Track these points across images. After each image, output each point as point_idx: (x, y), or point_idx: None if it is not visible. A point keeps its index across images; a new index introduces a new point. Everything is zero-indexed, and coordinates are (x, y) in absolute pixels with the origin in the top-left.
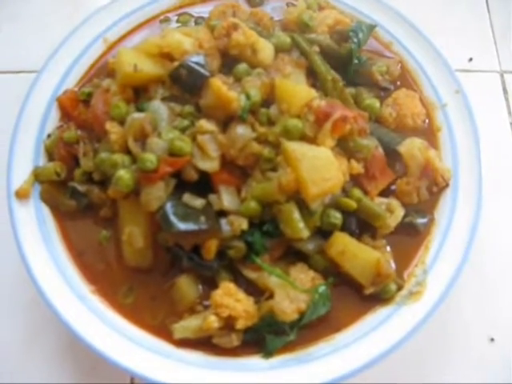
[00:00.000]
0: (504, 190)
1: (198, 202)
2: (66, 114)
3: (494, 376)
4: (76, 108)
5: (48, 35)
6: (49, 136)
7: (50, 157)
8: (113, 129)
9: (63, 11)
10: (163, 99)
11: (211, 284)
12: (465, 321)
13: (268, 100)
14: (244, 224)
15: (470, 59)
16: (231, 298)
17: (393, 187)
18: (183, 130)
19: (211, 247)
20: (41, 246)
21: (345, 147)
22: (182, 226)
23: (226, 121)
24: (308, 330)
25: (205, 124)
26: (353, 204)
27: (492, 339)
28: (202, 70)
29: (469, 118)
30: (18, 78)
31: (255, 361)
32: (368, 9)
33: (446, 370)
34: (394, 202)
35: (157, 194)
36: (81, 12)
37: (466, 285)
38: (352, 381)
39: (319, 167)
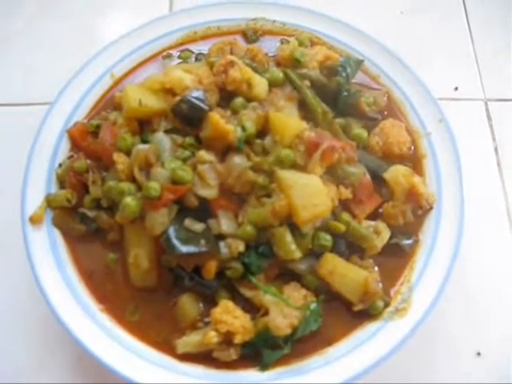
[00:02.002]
0: (486, 213)
1: (199, 227)
2: (75, 145)
3: None
4: (85, 139)
5: (59, 69)
6: (60, 165)
7: (62, 185)
8: (119, 159)
9: (73, 46)
10: (166, 131)
11: (211, 302)
12: (452, 336)
13: (262, 131)
14: (241, 246)
15: (456, 88)
16: (229, 315)
17: (380, 210)
18: (184, 160)
19: (211, 268)
20: (53, 267)
21: (334, 174)
22: (184, 248)
23: (224, 151)
24: (301, 344)
25: (204, 154)
26: (342, 227)
27: (479, 353)
28: (201, 105)
29: (452, 145)
30: (31, 110)
31: (252, 373)
32: (357, 43)
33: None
34: (381, 225)
35: (160, 219)
36: (89, 47)
37: (452, 301)
38: None
39: (309, 194)
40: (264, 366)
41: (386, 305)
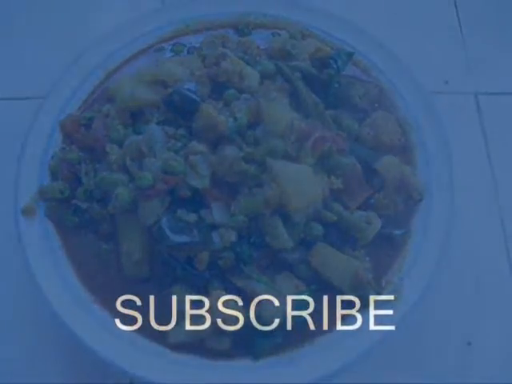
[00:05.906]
0: (476, 204)
1: (191, 217)
2: (68, 137)
3: (472, 380)
4: (78, 131)
5: (51, 63)
6: (53, 157)
7: (54, 176)
8: (112, 150)
9: (65, 40)
10: (158, 123)
11: (204, 292)
12: (442, 326)
13: (254, 122)
14: (233, 236)
15: (446, 82)
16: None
17: (371, 201)
18: (176, 151)
19: (203, 258)
20: (46, 258)
21: (325, 164)
22: (177, 238)
23: (216, 142)
24: (293, 333)
25: (196, 145)
26: (333, 217)
27: (469, 343)
28: (193, 96)
29: (442, 137)
30: (24, 104)
31: (245, 362)
32: (347, 36)
33: (424, 373)
34: (372, 215)
35: (153, 209)
36: (81, 40)
37: (443, 291)
38: (333, 381)
39: (300, 182)
40: (256, 355)
41: (377, 294)
